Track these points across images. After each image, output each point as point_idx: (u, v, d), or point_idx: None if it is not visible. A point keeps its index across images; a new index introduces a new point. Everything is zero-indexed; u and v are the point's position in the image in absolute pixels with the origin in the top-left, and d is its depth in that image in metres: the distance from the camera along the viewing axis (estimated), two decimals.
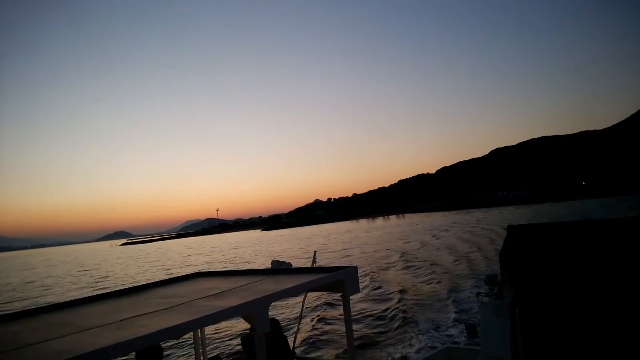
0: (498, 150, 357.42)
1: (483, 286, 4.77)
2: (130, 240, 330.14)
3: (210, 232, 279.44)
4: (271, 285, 4.16)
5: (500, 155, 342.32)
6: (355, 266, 4.64)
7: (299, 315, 7.44)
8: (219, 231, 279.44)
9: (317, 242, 65.61)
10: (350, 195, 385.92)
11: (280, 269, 5.28)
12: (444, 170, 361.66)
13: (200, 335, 5.38)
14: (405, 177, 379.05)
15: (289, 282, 4.14)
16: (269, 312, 3.34)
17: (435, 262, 27.51)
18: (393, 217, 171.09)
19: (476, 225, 61.23)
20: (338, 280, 4.33)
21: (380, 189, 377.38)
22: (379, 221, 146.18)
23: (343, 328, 8.13)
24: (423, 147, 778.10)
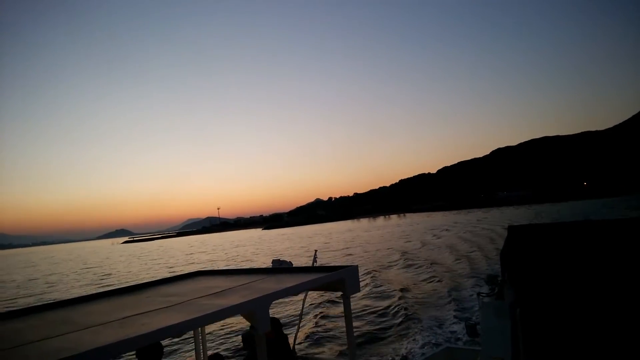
0: (499, 150, 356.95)
1: (484, 286, 4.77)
2: (131, 239, 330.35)
3: (212, 231, 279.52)
4: (272, 284, 4.15)
5: (501, 155, 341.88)
6: (356, 265, 4.62)
7: (300, 314, 7.44)
8: (220, 230, 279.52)
9: (319, 241, 65.62)
10: (351, 195, 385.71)
11: (281, 268, 5.26)
12: (445, 170, 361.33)
13: (200, 334, 5.38)
14: (406, 177, 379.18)
15: (289, 281, 4.12)
16: (270, 311, 3.34)
17: (436, 262, 27.51)
18: (394, 217, 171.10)
19: (477, 225, 61.22)
20: (339, 279, 4.31)
21: (381, 188, 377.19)
22: (380, 220, 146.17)
23: (344, 327, 8.13)
24: (424, 147, 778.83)
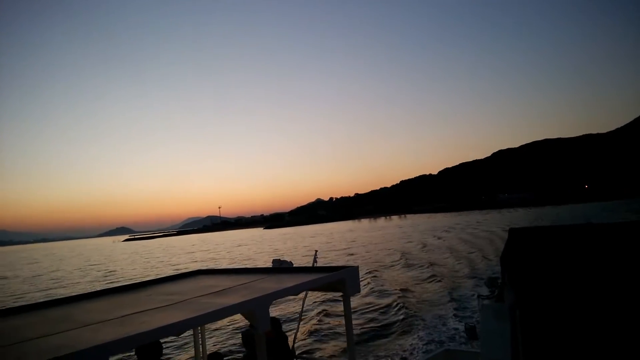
0: (500, 152, 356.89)
1: (484, 288, 4.76)
2: (132, 237, 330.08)
3: (212, 230, 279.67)
4: (272, 283, 4.15)
5: (502, 157, 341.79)
6: (357, 266, 4.61)
7: (300, 314, 7.44)
8: (220, 229, 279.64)
9: (320, 241, 65.67)
10: (352, 195, 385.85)
11: (281, 267, 5.26)
12: (446, 172, 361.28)
13: (200, 332, 5.38)
14: (407, 178, 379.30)
15: (290, 281, 4.12)
16: (270, 311, 3.34)
17: (437, 263, 27.50)
18: (395, 218, 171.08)
19: (477, 227, 61.22)
20: (339, 279, 4.31)
21: (382, 189, 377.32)
22: (381, 221, 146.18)
23: (343, 327, 8.13)
24: (425, 148, 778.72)
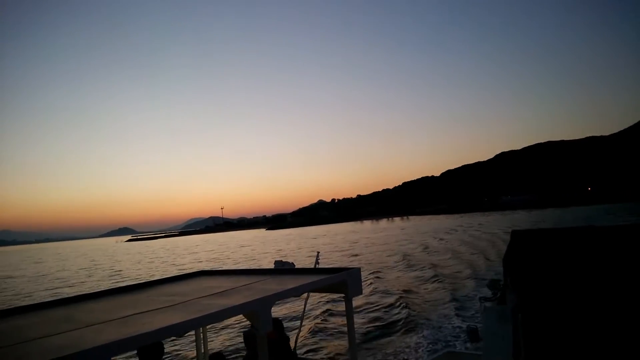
0: (503, 154, 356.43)
1: (486, 290, 4.73)
2: (135, 237, 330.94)
3: (215, 231, 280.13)
4: (274, 285, 4.14)
5: (505, 159, 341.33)
6: (359, 267, 4.59)
7: (302, 315, 7.42)
8: (223, 229, 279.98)
9: (323, 242, 65.66)
10: (354, 196, 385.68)
11: (283, 269, 5.26)
12: (448, 173, 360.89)
13: (202, 333, 5.37)
14: (409, 180, 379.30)
15: (291, 282, 4.11)
16: (272, 312, 3.34)
17: (439, 265, 27.44)
18: (397, 219, 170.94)
19: (480, 229, 61.10)
20: (341, 281, 4.29)
21: (384, 190, 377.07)
22: (383, 223, 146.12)
23: (345, 329, 8.12)
24: (428, 150, 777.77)
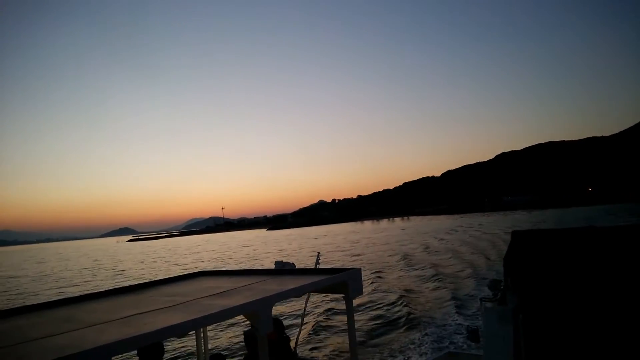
0: (504, 154, 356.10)
1: (486, 291, 4.72)
2: (136, 237, 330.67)
3: (215, 231, 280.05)
4: (274, 285, 4.14)
5: (506, 159, 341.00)
6: (359, 268, 4.58)
7: (302, 316, 7.42)
8: (224, 230, 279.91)
9: (324, 242, 65.64)
10: (354, 197, 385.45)
11: (283, 269, 5.26)
12: (449, 174, 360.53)
13: (202, 334, 5.37)
14: (410, 180, 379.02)
15: (292, 283, 4.11)
16: (272, 312, 3.34)
17: (439, 265, 27.42)
18: (398, 220, 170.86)
19: (480, 230, 61.06)
20: (341, 282, 4.28)
21: (385, 190, 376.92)
22: (384, 223, 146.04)
23: (346, 329, 8.12)
24: (428, 150, 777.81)
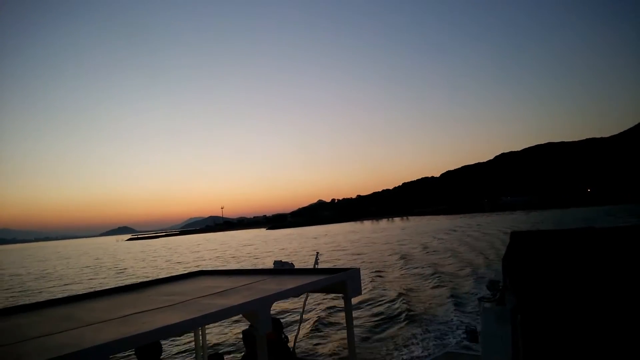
0: (503, 155, 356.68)
1: (485, 291, 4.73)
2: (135, 236, 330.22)
3: (215, 230, 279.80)
4: (273, 285, 4.15)
5: (505, 160, 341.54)
6: (358, 268, 4.59)
7: (301, 315, 7.42)
8: (223, 229, 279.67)
9: (324, 242, 65.67)
10: (354, 197, 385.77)
11: (282, 269, 5.26)
12: (448, 174, 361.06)
13: (201, 333, 5.37)
14: (409, 180, 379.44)
15: (291, 283, 4.12)
16: (271, 312, 3.34)
17: (438, 265, 27.44)
18: (397, 220, 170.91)
19: (479, 230, 61.10)
20: (340, 281, 4.29)
21: (384, 191, 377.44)
22: (383, 223, 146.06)
23: (344, 329, 8.10)
24: (427, 151, 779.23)
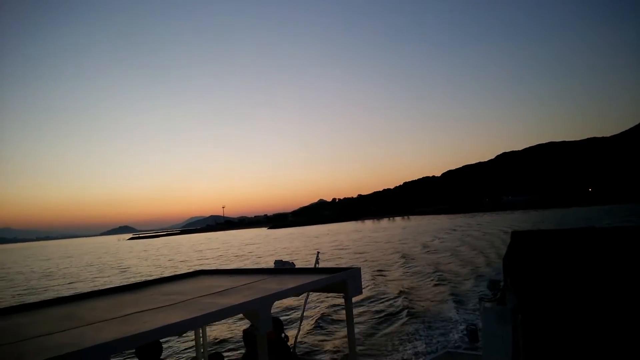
0: (504, 154, 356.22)
1: (486, 291, 4.73)
2: (137, 235, 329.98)
3: (216, 229, 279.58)
4: (274, 284, 4.15)
5: (506, 159, 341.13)
6: (359, 267, 4.60)
7: (301, 315, 7.42)
8: (224, 228, 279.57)
9: (326, 241, 65.66)
10: (355, 196, 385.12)
11: (283, 268, 5.26)
12: (449, 174, 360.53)
13: (202, 332, 5.37)
14: (410, 180, 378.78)
15: (291, 282, 4.12)
16: (271, 311, 3.34)
17: (439, 264, 27.42)
18: (398, 219, 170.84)
19: (480, 229, 61.05)
20: (341, 281, 4.30)
21: (385, 190, 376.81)
22: (384, 222, 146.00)
23: (345, 328, 8.13)
24: (429, 150, 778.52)
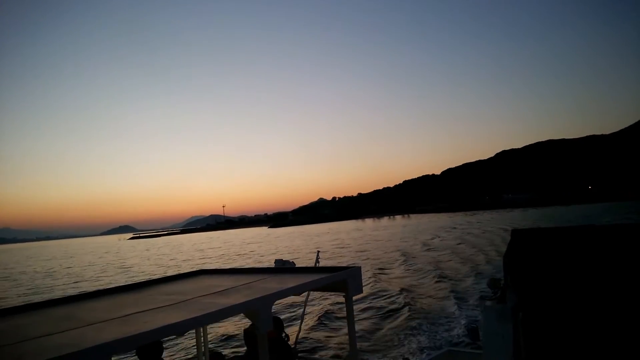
0: (504, 152, 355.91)
1: (486, 289, 4.73)
2: (136, 235, 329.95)
3: (216, 229, 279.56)
4: (274, 283, 4.16)
5: (506, 157, 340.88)
6: (359, 266, 4.60)
7: (302, 314, 7.44)
8: (224, 227, 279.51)
9: (327, 239, 65.78)
10: (355, 195, 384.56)
11: (283, 267, 5.28)
12: (449, 172, 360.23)
13: (202, 332, 5.38)
14: (410, 178, 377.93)
15: (292, 281, 4.13)
16: (272, 311, 3.34)
17: (439, 262, 27.47)
18: (398, 217, 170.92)
19: (480, 227, 61.10)
20: (341, 280, 4.31)
21: (385, 188, 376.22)
22: (385, 221, 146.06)
23: (345, 327, 8.13)
24: (428, 148, 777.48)
